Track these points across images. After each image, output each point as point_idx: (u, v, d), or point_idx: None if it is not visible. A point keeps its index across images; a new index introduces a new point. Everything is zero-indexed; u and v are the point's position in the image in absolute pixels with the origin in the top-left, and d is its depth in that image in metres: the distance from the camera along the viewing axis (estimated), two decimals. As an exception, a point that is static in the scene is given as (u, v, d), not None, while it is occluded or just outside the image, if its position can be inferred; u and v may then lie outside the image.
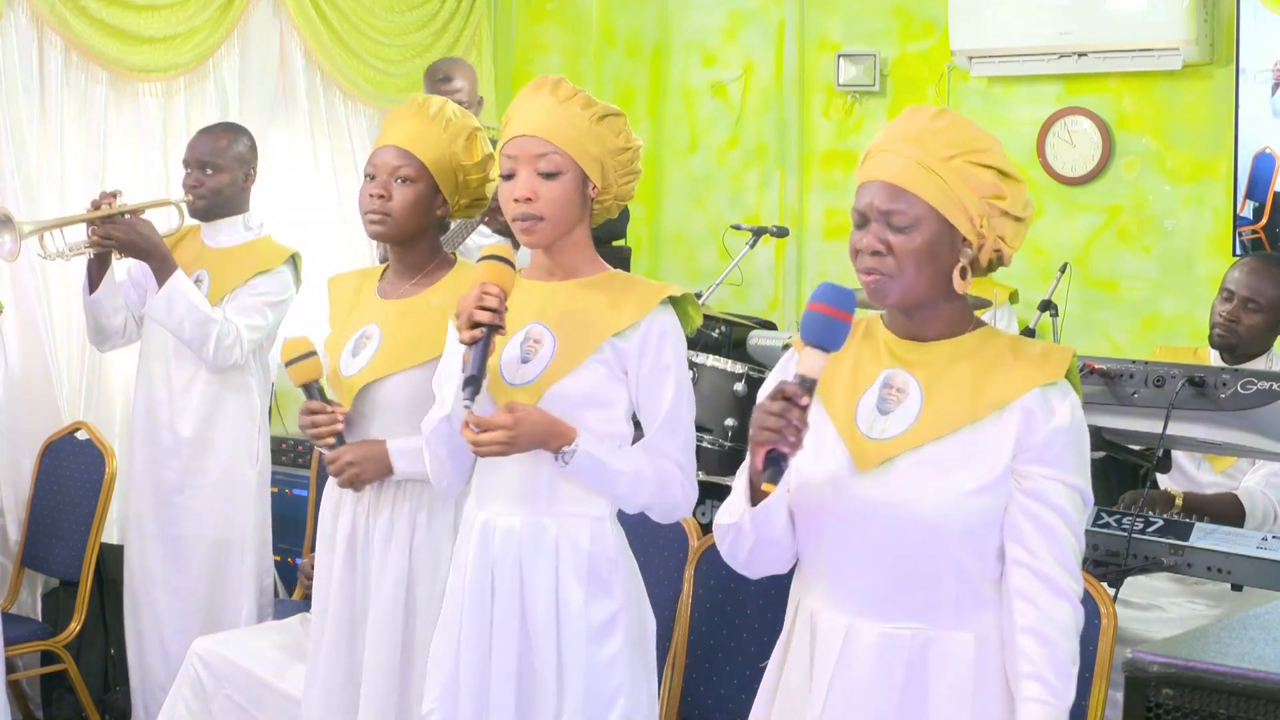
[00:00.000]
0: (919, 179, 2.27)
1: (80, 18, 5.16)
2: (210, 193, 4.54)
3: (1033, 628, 2.25)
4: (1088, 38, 5.57)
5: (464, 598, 2.84)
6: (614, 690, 2.78)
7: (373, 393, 3.17)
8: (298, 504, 4.97)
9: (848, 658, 2.31)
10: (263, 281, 4.50)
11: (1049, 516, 2.25)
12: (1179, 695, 2.24)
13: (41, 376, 5.10)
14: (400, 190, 3.16)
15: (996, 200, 2.29)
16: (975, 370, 2.30)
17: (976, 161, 2.29)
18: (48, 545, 4.88)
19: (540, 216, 2.77)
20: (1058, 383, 2.29)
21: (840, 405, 2.35)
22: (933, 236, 2.27)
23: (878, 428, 2.31)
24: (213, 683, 3.83)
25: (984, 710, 2.28)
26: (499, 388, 2.83)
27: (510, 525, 2.81)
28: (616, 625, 2.79)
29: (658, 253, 6.56)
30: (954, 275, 2.29)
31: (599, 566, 2.80)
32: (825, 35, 6.28)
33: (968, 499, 2.25)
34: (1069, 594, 2.26)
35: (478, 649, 2.81)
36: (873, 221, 2.29)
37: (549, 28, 6.90)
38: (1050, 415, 2.26)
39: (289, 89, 5.97)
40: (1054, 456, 2.26)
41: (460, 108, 3.28)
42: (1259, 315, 4.13)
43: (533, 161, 2.77)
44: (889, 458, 2.29)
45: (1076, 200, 5.80)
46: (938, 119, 2.32)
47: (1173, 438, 3.38)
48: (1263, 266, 4.21)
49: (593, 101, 2.84)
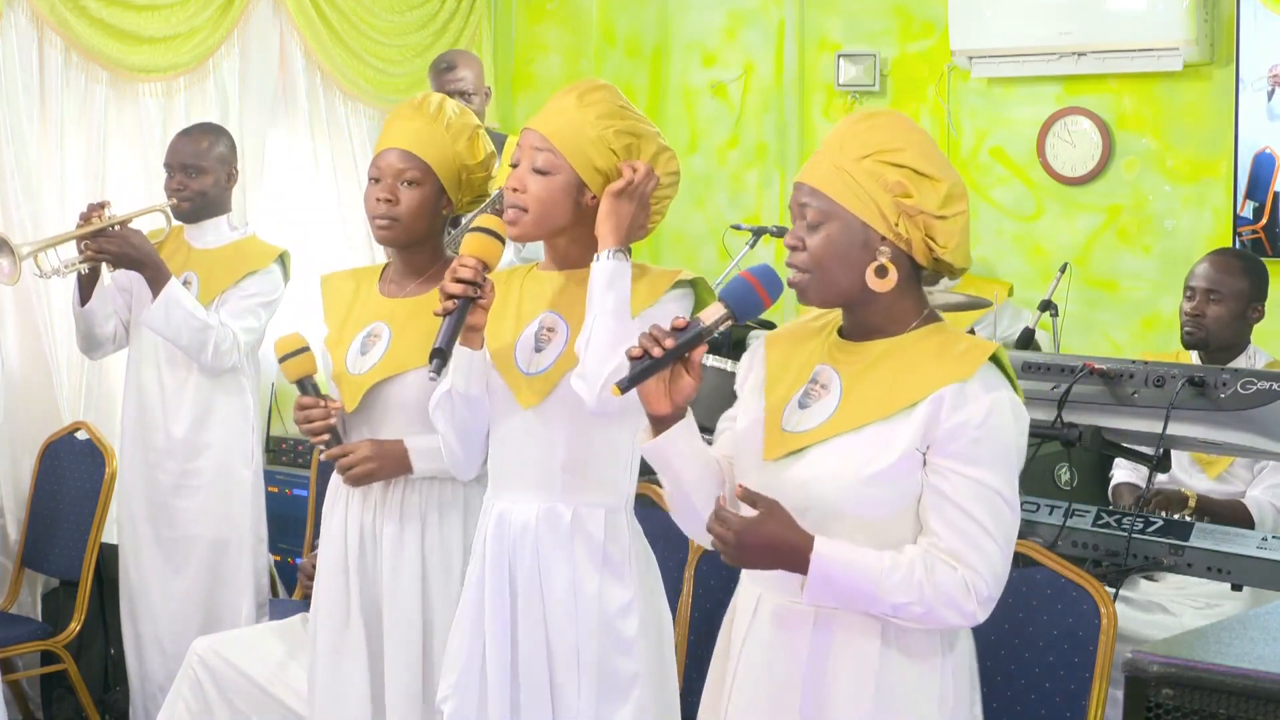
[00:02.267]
0: (830, 179, 2.34)
1: (80, 18, 5.16)
2: (195, 195, 4.56)
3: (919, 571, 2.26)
4: (1088, 38, 5.57)
5: (482, 587, 2.85)
6: (629, 679, 2.79)
7: (384, 391, 3.15)
8: (298, 504, 4.97)
9: (755, 628, 2.41)
10: (253, 282, 4.51)
11: (949, 510, 2.27)
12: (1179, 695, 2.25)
13: (41, 376, 5.11)
14: (407, 193, 3.14)
15: (904, 199, 2.32)
16: (897, 368, 2.34)
17: (887, 160, 2.33)
18: (48, 545, 4.89)
19: (524, 208, 2.79)
20: (976, 379, 2.29)
21: (777, 397, 2.43)
22: (841, 234, 2.33)
23: (793, 420, 2.38)
24: (212, 683, 3.83)
25: (888, 692, 2.31)
26: (514, 376, 2.85)
27: (526, 513, 2.83)
28: (631, 613, 2.80)
29: (658, 252, 6.56)
30: (869, 273, 2.33)
31: (613, 555, 2.81)
32: (825, 35, 6.28)
33: (863, 486, 2.29)
34: (959, 577, 2.25)
35: (497, 638, 2.82)
36: (794, 219, 2.38)
37: (549, 28, 6.89)
38: (958, 409, 2.27)
39: (289, 89, 5.97)
40: (958, 450, 2.27)
41: (459, 105, 3.26)
42: (1221, 305, 4.16)
43: (532, 155, 2.79)
44: (794, 450, 2.35)
45: (1076, 200, 5.80)
46: (863, 121, 2.39)
47: (1173, 438, 3.38)
48: (1220, 259, 4.25)
49: (619, 115, 2.79)
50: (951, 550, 2.26)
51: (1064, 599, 2.95)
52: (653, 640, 2.84)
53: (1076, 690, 2.92)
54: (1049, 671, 2.94)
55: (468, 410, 2.86)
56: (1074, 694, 2.92)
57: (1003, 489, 2.28)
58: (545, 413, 2.82)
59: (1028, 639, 2.98)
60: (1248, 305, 4.19)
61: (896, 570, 2.24)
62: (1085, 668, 2.91)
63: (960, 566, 2.25)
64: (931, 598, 2.24)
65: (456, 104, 3.25)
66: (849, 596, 2.27)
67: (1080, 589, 2.96)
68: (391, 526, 3.15)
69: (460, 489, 3.16)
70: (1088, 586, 2.96)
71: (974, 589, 2.25)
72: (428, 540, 3.14)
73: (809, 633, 2.34)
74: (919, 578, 2.24)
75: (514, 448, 2.86)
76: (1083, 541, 3.37)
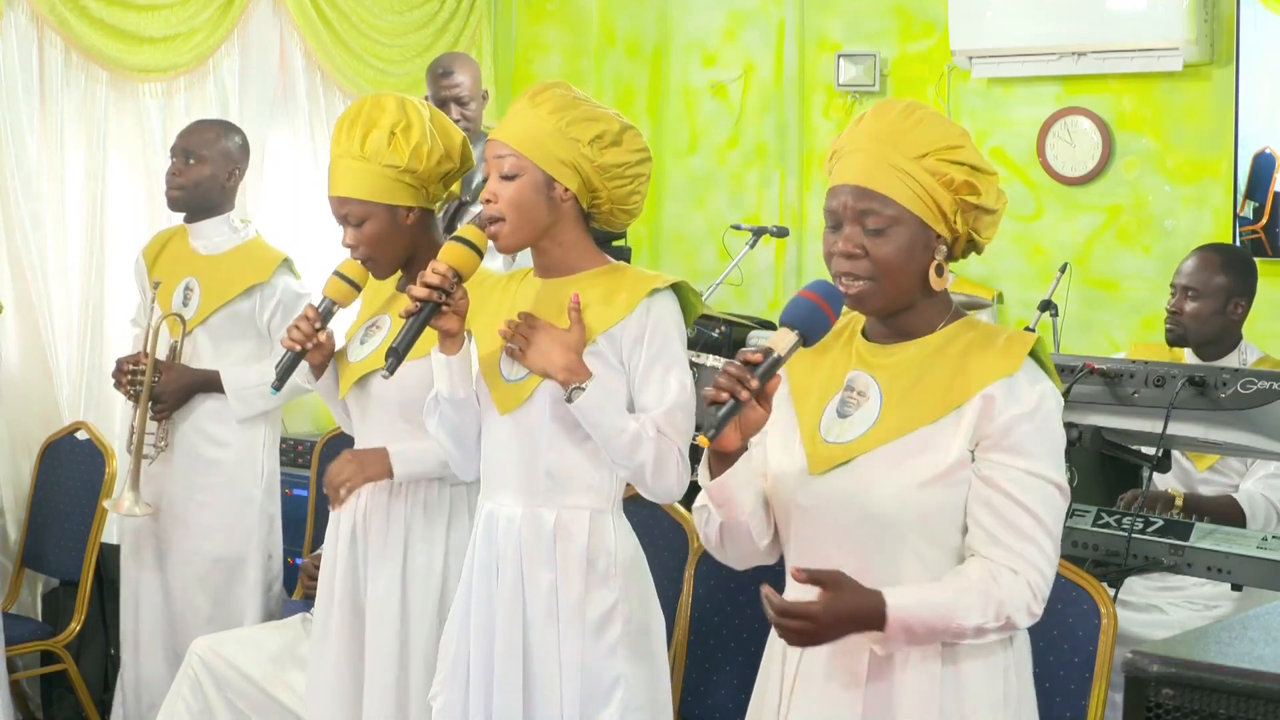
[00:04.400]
0: (891, 180, 2.25)
1: (80, 18, 5.16)
2: (189, 184, 4.49)
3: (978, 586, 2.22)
4: (1088, 38, 5.57)
5: (470, 586, 2.89)
6: (612, 681, 2.80)
7: (377, 381, 3.15)
8: (298, 504, 4.97)
9: (811, 650, 2.30)
10: (280, 316, 4.45)
11: (1003, 504, 2.22)
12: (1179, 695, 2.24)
13: (41, 376, 5.10)
14: (360, 233, 3.13)
15: (970, 196, 2.27)
16: (937, 369, 2.28)
17: (950, 159, 2.27)
18: (48, 545, 4.88)
19: (500, 217, 2.80)
20: (1022, 371, 2.26)
21: (809, 408, 2.35)
22: (908, 238, 2.26)
23: (835, 431, 2.31)
24: (212, 683, 3.83)
25: (951, 705, 2.27)
26: (495, 382, 2.87)
27: (511, 516, 2.85)
28: (614, 617, 2.81)
29: (658, 253, 6.55)
30: (930, 273, 2.28)
31: (596, 559, 2.82)
32: (825, 35, 6.28)
33: (919, 490, 2.24)
34: (1023, 580, 2.22)
35: (481, 636, 2.86)
36: (846, 224, 2.28)
37: (549, 28, 6.89)
38: (1010, 404, 2.24)
39: (289, 89, 5.97)
40: (1013, 443, 2.23)
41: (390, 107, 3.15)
42: (1197, 301, 4.18)
43: (498, 164, 2.81)
44: (841, 462, 2.28)
45: (1076, 200, 5.79)
46: (907, 116, 2.30)
47: (1173, 438, 3.38)
48: (1202, 255, 4.26)
49: (571, 106, 2.82)
50: (1009, 550, 2.22)
51: (1064, 599, 2.94)
52: (639, 642, 2.84)
53: (1076, 690, 2.92)
54: (1049, 671, 2.94)
55: (455, 413, 2.89)
56: (1074, 694, 2.92)
57: (1056, 478, 2.26)
58: (522, 419, 2.84)
59: (1028, 639, 2.97)
60: (1228, 301, 4.19)
61: (968, 594, 2.20)
62: (1085, 668, 2.91)
63: (1021, 569, 2.21)
64: (1004, 611, 2.20)
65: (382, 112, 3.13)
66: (928, 638, 2.22)
67: (1080, 589, 2.96)
68: (378, 526, 3.20)
69: (447, 491, 3.20)
70: (1088, 586, 2.96)
71: (1036, 589, 2.23)
72: (412, 540, 3.18)
73: (869, 650, 2.28)
74: (989, 594, 2.20)
75: (499, 453, 2.89)
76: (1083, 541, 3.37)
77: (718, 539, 2.38)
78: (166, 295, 4.52)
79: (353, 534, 3.21)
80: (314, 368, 3.22)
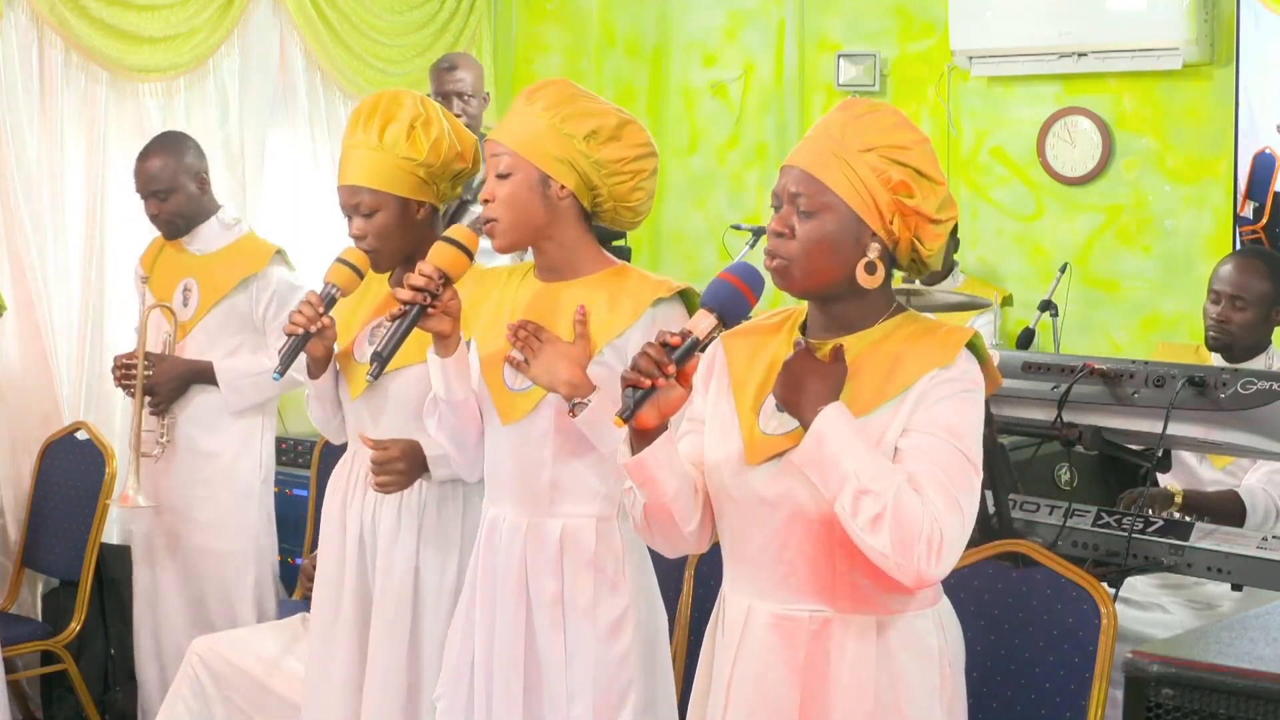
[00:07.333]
0: (829, 168, 2.28)
1: (80, 18, 5.16)
2: (172, 215, 4.53)
3: None
4: (1088, 38, 5.57)
5: (474, 591, 2.88)
6: (625, 685, 2.79)
7: (384, 383, 3.12)
8: (298, 504, 4.97)
9: (747, 640, 2.35)
10: (275, 307, 4.46)
11: (917, 462, 2.21)
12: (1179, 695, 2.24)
13: (41, 376, 5.10)
14: (369, 223, 3.11)
15: (905, 198, 2.28)
16: (875, 362, 2.29)
17: (892, 158, 2.28)
18: (48, 545, 4.88)
19: (495, 218, 2.79)
20: (956, 364, 2.26)
21: (748, 398, 2.37)
22: (836, 226, 2.27)
23: (773, 423, 2.32)
24: (212, 682, 3.83)
25: (886, 694, 2.29)
26: (498, 391, 2.84)
27: (515, 524, 2.83)
28: (626, 622, 2.80)
29: (658, 252, 6.55)
30: (859, 269, 2.29)
31: (605, 564, 2.80)
32: (825, 35, 6.28)
33: None
34: (929, 516, 2.17)
35: (484, 640, 2.84)
36: (783, 205, 2.32)
37: (549, 28, 6.90)
38: (942, 383, 2.25)
39: (289, 89, 5.97)
40: (928, 411, 2.23)
41: (404, 104, 3.16)
42: (1247, 311, 4.14)
43: (494, 164, 2.80)
44: (776, 454, 2.30)
45: (1076, 200, 5.80)
46: (866, 113, 2.32)
47: (1173, 438, 3.38)
48: (1245, 262, 4.22)
49: (567, 101, 2.79)
50: (922, 493, 2.19)
51: (1064, 599, 2.94)
52: (647, 646, 2.83)
53: (1076, 690, 2.92)
54: (1049, 671, 2.94)
55: (454, 415, 2.86)
56: (1074, 694, 2.92)
57: (969, 451, 2.24)
58: (526, 430, 2.82)
59: (1028, 639, 2.97)
60: (1271, 309, 4.18)
61: (884, 471, 2.18)
62: (1085, 668, 2.91)
63: (927, 504, 2.18)
64: (897, 513, 2.16)
65: (398, 118, 3.13)
66: (830, 463, 2.19)
67: (1080, 589, 2.95)
68: (388, 525, 3.16)
69: (459, 487, 3.16)
70: (1088, 586, 2.95)
71: (933, 540, 2.17)
72: (424, 536, 3.15)
73: (805, 640, 2.31)
74: (896, 488, 2.16)
75: (501, 462, 2.86)
76: (1083, 541, 3.37)
77: (643, 520, 2.38)
78: (166, 299, 4.53)
79: (360, 535, 3.19)
80: (314, 361, 3.15)
